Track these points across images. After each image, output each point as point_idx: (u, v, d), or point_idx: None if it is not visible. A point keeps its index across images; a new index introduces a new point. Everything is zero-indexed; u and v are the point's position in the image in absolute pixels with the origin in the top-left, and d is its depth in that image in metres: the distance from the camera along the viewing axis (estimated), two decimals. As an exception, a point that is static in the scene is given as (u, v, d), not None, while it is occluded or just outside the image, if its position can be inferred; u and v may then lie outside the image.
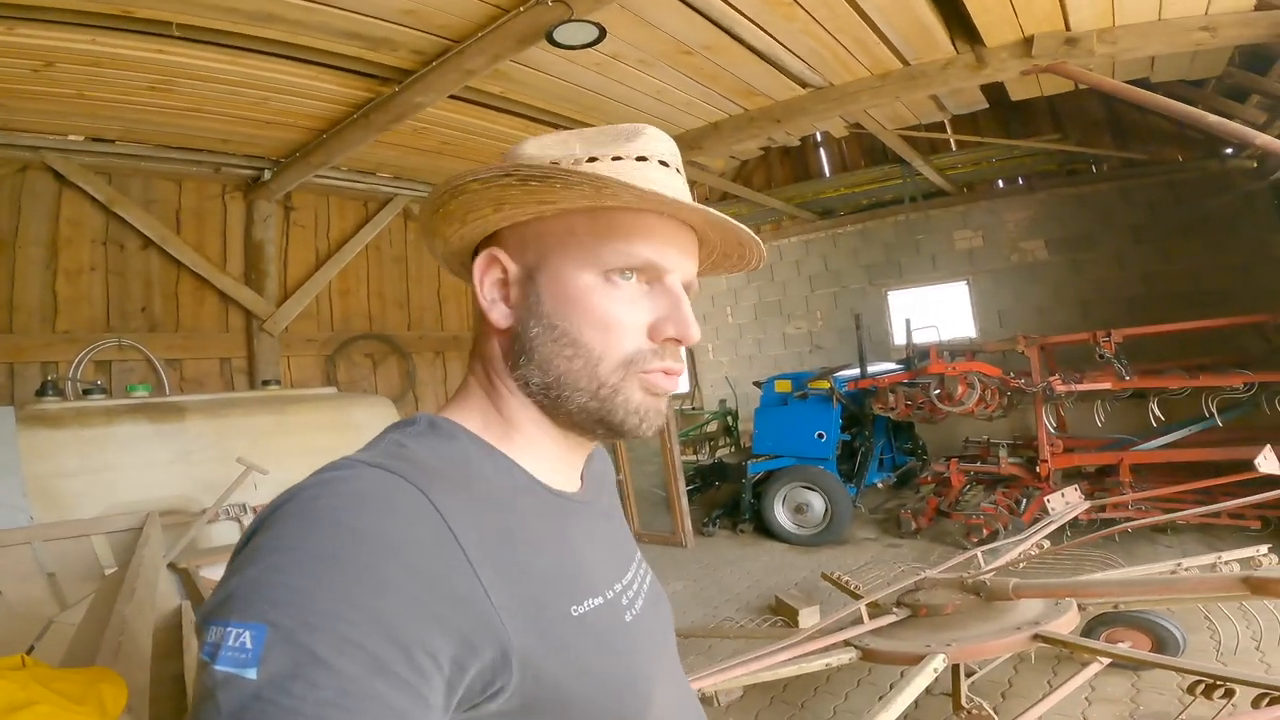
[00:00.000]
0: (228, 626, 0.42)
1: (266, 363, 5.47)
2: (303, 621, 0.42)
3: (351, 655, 0.41)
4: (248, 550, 0.47)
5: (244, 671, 0.41)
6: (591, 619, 0.56)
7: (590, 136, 0.63)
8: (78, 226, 4.75)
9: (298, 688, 0.40)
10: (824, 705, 2.83)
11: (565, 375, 0.61)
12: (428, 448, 0.57)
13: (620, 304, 0.61)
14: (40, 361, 4.52)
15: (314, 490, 0.48)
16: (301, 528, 0.45)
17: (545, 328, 0.61)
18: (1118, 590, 2.44)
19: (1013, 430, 6.06)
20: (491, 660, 0.48)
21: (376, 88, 3.91)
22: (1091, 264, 6.99)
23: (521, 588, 0.51)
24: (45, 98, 3.72)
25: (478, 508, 0.53)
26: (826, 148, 8.34)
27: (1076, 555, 3.67)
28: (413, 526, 0.47)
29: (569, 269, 0.61)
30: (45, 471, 3.36)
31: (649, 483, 6.04)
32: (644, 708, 0.59)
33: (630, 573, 0.68)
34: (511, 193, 0.59)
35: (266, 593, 0.43)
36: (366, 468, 0.51)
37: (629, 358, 0.61)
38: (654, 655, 0.64)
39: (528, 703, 0.50)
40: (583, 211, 0.60)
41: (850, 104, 4.52)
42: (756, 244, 0.69)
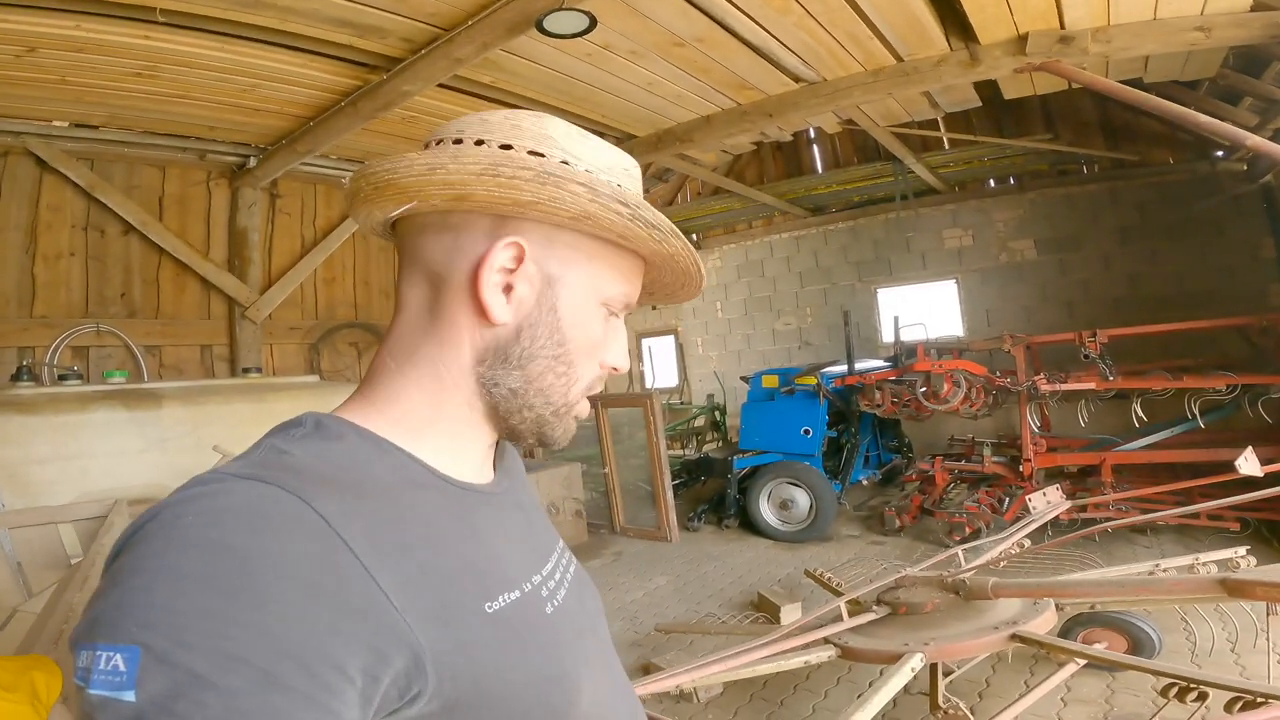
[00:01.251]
0: (96, 650, 0.40)
1: (248, 350, 5.43)
2: (176, 641, 0.40)
3: (236, 671, 0.39)
4: (111, 573, 0.44)
5: (120, 695, 0.39)
6: (508, 614, 0.54)
7: (608, 158, 0.62)
8: (58, 212, 4.69)
9: (181, 707, 0.38)
10: (803, 703, 2.83)
11: (546, 389, 0.61)
12: (311, 451, 0.54)
13: (600, 334, 0.64)
14: (16, 346, 4.47)
15: (177, 509, 0.45)
16: (164, 548, 0.43)
17: (554, 342, 0.60)
18: (1095, 591, 2.44)
19: (997, 429, 6.09)
20: (404, 666, 0.46)
21: (365, 75, 3.87)
22: (1078, 264, 7.02)
23: (427, 589, 0.49)
24: (28, 83, 3.67)
25: (370, 510, 0.50)
26: (819, 143, 8.32)
27: (1056, 555, 3.69)
28: (293, 537, 0.45)
29: (585, 291, 0.61)
30: (16, 458, 3.32)
31: (634, 477, 6.04)
32: (573, 699, 0.58)
33: (550, 563, 0.66)
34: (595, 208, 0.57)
35: (133, 614, 0.41)
36: (235, 480, 0.47)
37: (590, 385, 0.64)
38: (580, 646, 0.63)
39: (448, 704, 0.48)
40: (597, 239, 0.61)
41: (843, 99, 4.50)
42: (700, 280, 0.70)
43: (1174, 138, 6.53)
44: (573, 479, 5.73)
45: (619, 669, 0.73)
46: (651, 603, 4.20)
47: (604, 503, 6.05)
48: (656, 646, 3.49)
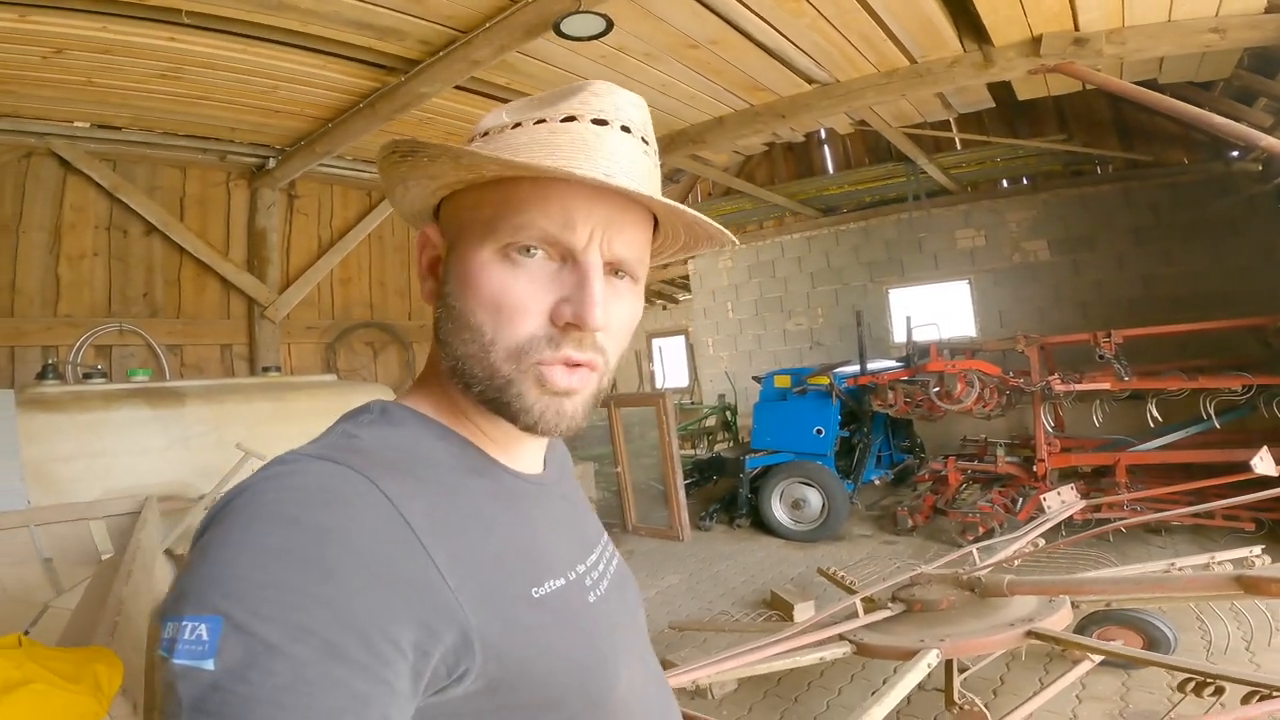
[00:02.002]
0: (182, 621, 0.43)
1: (267, 349, 5.49)
2: (254, 611, 0.42)
3: (305, 641, 0.42)
4: (198, 548, 0.47)
5: (201, 663, 0.41)
6: (553, 600, 0.56)
7: (530, 100, 0.60)
8: (81, 212, 4.76)
9: (254, 675, 0.41)
10: (817, 699, 2.84)
11: (463, 360, 0.58)
12: (377, 436, 0.57)
13: (517, 283, 0.56)
14: (41, 345, 4.54)
15: (260, 486, 0.48)
16: (250, 522, 0.46)
17: (447, 308, 0.59)
18: (1111, 588, 2.46)
19: (1010, 429, 6.08)
20: (454, 644, 0.48)
21: (383, 77, 3.91)
22: (1092, 265, 6.99)
23: (479, 570, 0.51)
24: (54, 84, 3.73)
25: (429, 492, 0.53)
26: (830, 144, 8.31)
27: (1071, 554, 3.69)
28: (361, 515, 0.48)
29: (470, 245, 0.57)
30: (42, 455, 3.34)
31: (646, 476, 6.07)
32: (610, 686, 0.59)
33: (594, 555, 0.68)
34: (403, 169, 0.58)
35: (218, 586, 0.43)
36: (312, 460, 0.51)
37: (521, 345, 0.56)
38: (619, 636, 0.64)
39: (492, 684, 0.50)
40: (489, 184, 0.57)
41: (856, 101, 4.51)
42: (708, 223, 0.61)
43: (1189, 138, 6.49)
44: (585, 478, 5.76)
45: (654, 661, 0.75)
46: (664, 601, 4.23)
47: (616, 502, 6.08)
48: (670, 644, 3.51)
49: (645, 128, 0.61)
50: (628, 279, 0.60)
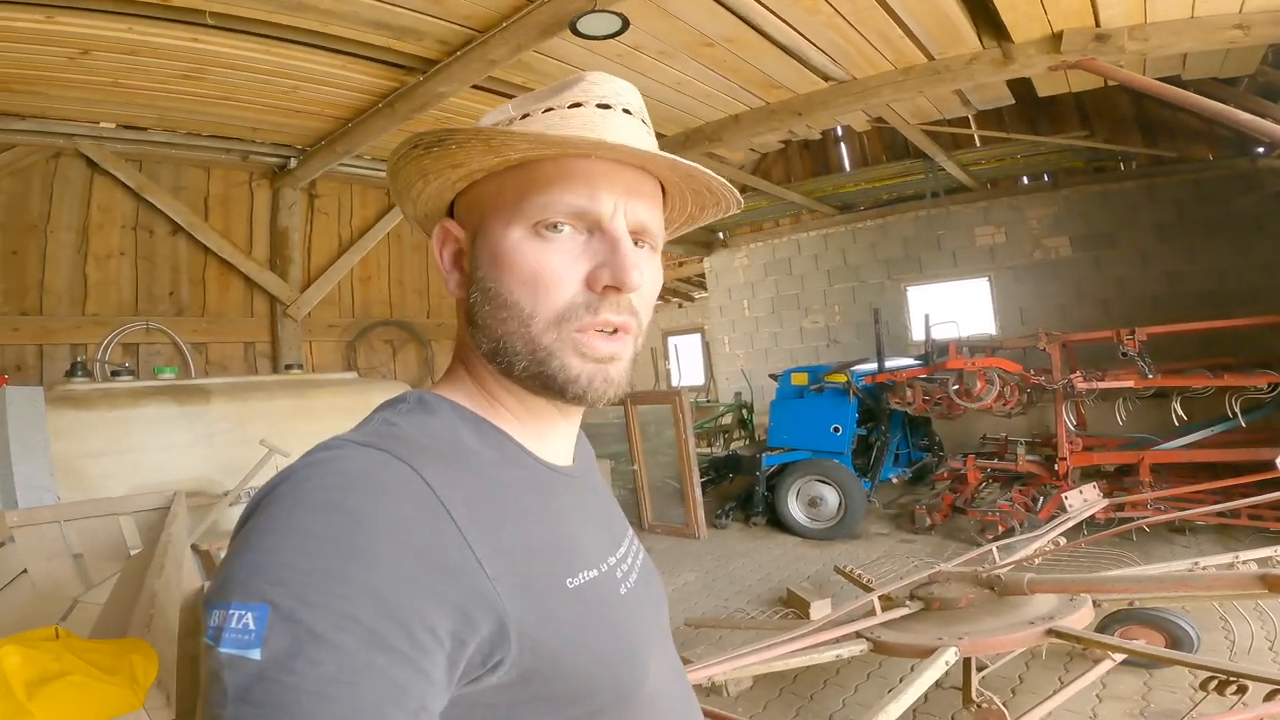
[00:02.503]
0: (229, 609, 0.43)
1: (289, 347, 5.57)
2: (300, 599, 0.42)
3: (349, 630, 0.42)
4: (243, 534, 0.47)
5: (247, 652, 0.41)
6: (587, 591, 0.56)
7: (531, 95, 0.62)
8: (108, 212, 4.85)
9: (299, 665, 0.41)
10: (833, 698, 2.84)
11: (504, 339, 0.59)
12: (416, 424, 0.58)
13: (551, 257, 0.58)
14: (69, 343, 4.63)
15: (305, 472, 0.49)
16: (294, 509, 0.46)
17: (482, 291, 0.60)
18: (1134, 587, 2.43)
19: (1031, 428, 6.01)
20: (490, 633, 0.48)
21: (401, 77, 3.96)
22: (1114, 262, 6.89)
23: (516, 560, 0.52)
24: (81, 85, 3.80)
25: (468, 481, 0.53)
26: (847, 142, 8.25)
27: (1092, 553, 3.64)
28: (403, 502, 0.48)
29: (498, 228, 0.59)
30: (72, 452, 3.39)
31: (663, 474, 6.07)
32: (639, 680, 0.59)
33: (623, 548, 0.68)
34: (425, 162, 0.60)
35: (264, 573, 0.43)
36: (355, 446, 0.51)
37: (560, 314, 0.58)
38: (647, 629, 0.64)
39: (526, 674, 0.50)
40: (511, 169, 0.59)
41: (872, 98, 4.49)
42: (719, 182, 0.63)
43: (1213, 134, 6.37)
44: (602, 476, 5.78)
45: (676, 656, 0.76)
46: (680, 598, 4.24)
47: (632, 500, 6.09)
48: (686, 641, 3.51)
49: (643, 111, 0.63)
50: (647, 247, 0.62)
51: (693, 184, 0.64)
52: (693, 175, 0.61)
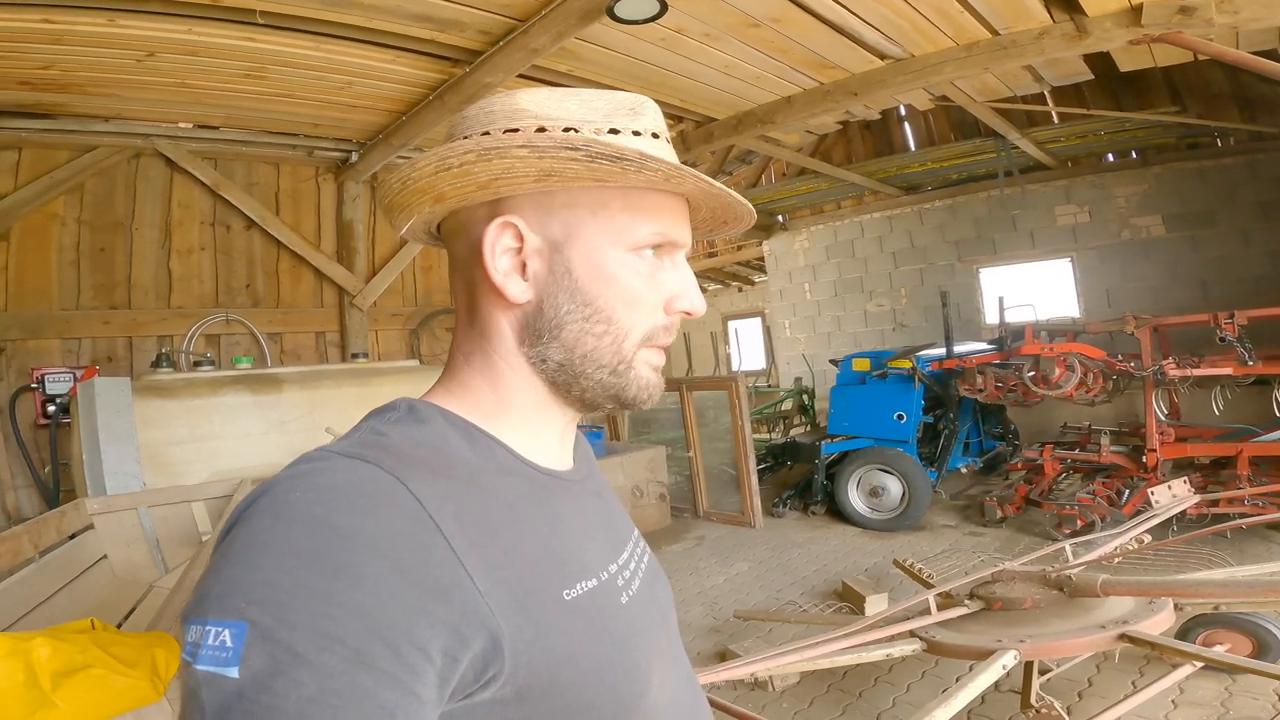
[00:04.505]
0: (206, 625, 0.42)
1: (356, 336, 5.77)
2: (281, 619, 0.41)
3: (332, 651, 0.41)
4: (223, 548, 0.46)
5: (225, 670, 0.40)
6: (585, 602, 0.55)
7: (599, 106, 0.60)
8: (188, 209, 5.13)
9: (279, 685, 0.40)
10: (883, 696, 2.73)
11: (592, 353, 0.60)
12: (404, 434, 0.56)
13: (645, 280, 0.61)
14: (156, 335, 4.94)
15: (287, 484, 0.47)
16: (275, 524, 0.45)
17: (579, 304, 0.59)
18: (1220, 591, 2.23)
19: (1119, 417, 5.64)
20: (482, 649, 0.47)
21: (449, 69, 3.99)
22: (1213, 241, 6.42)
23: (509, 573, 0.50)
24: (152, 87, 3.99)
25: (459, 493, 0.52)
26: (911, 121, 7.95)
27: (1180, 552, 3.37)
28: (390, 517, 0.46)
29: (603, 244, 0.59)
30: (158, 439, 3.60)
31: (719, 460, 6.00)
32: (642, 691, 0.58)
33: (626, 553, 0.66)
34: (546, 162, 0.55)
35: (243, 590, 0.42)
36: (340, 458, 0.50)
37: (648, 334, 0.61)
38: (652, 637, 0.62)
39: (520, 690, 0.49)
40: (603, 186, 0.58)
41: (933, 76, 4.23)
42: (746, 208, 0.66)
43: (1318, 109, 5.77)
44: (657, 462, 5.76)
45: (685, 661, 0.73)
46: (732, 589, 4.18)
47: (688, 487, 6.05)
48: (734, 633, 3.47)
49: None
50: None
51: (719, 205, 0.66)
52: (730, 206, 0.65)
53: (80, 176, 4.62)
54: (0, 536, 2.27)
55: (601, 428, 6.40)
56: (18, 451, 4.34)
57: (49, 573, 2.52)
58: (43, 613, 2.26)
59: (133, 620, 2.41)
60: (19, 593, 2.25)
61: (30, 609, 2.25)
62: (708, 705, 0.74)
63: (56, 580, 2.57)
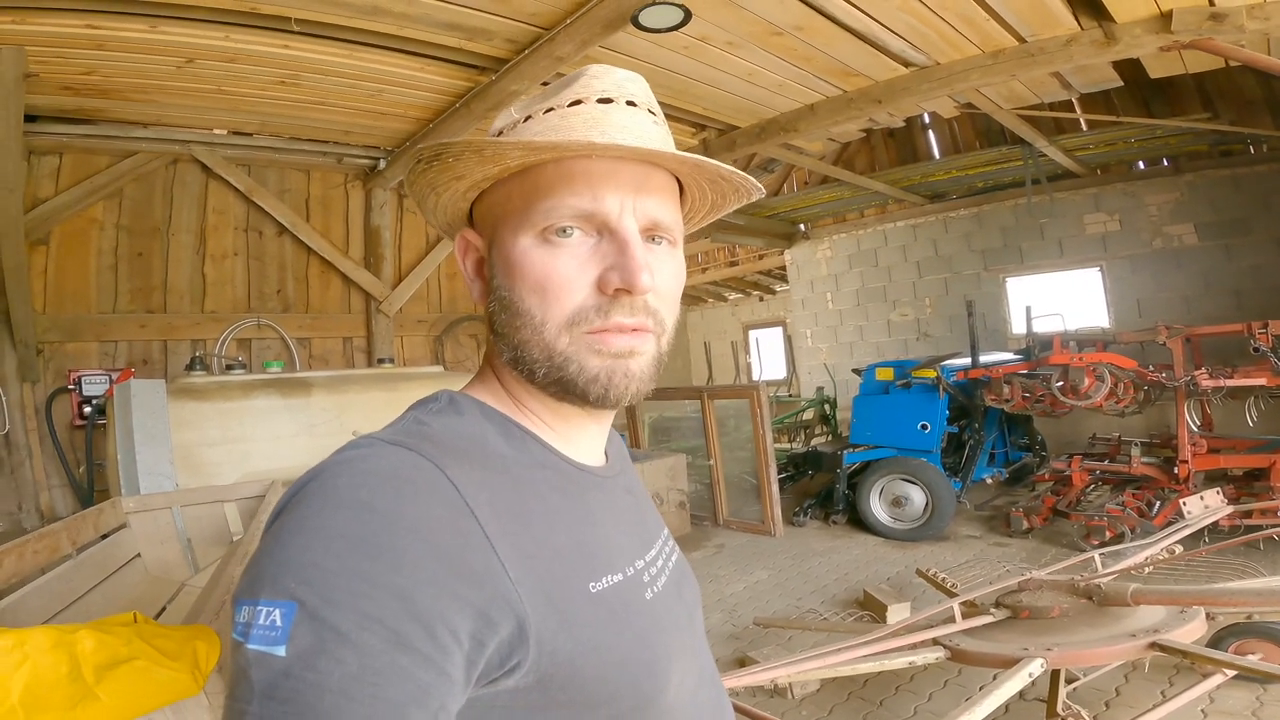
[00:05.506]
0: (258, 605, 0.44)
1: (382, 342, 5.85)
2: (326, 598, 0.42)
3: (373, 630, 0.42)
4: (273, 531, 0.48)
5: (274, 649, 0.42)
6: (610, 596, 0.56)
7: (537, 94, 0.62)
8: (222, 215, 5.25)
9: (323, 663, 0.41)
10: (905, 704, 2.69)
11: (521, 347, 0.59)
12: (445, 425, 0.58)
13: (559, 262, 0.57)
14: (190, 339, 5.05)
15: (335, 470, 0.49)
16: (323, 507, 0.47)
17: (498, 300, 0.60)
18: (1254, 600, 2.18)
19: (1150, 428, 5.51)
20: (509, 636, 0.48)
21: (475, 77, 4.06)
22: (1247, 250, 6.27)
23: (539, 563, 0.51)
24: (189, 93, 4.10)
25: (494, 483, 0.53)
26: (936, 129, 7.86)
27: (1213, 562, 3.28)
28: (430, 503, 0.48)
29: (508, 236, 0.59)
30: (191, 441, 3.66)
31: (739, 469, 5.98)
32: (661, 687, 0.58)
33: (654, 550, 0.67)
34: (430, 176, 0.60)
35: (293, 571, 0.44)
36: (385, 445, 0.52)
37: (570, 318, 0.57)
38: (675, 634, 0.63)
39: (543, 679, 0.50)
40: (514, 176, 0.59)
41: (959, 83, 4.21)
42: (729, 170, 0.60)
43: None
44: (677, 470, 5.75)
45: (710, 661, 0.73)
46: (752, 596, 4.15)
47: (708, 495, 6.03)
48: (754, 640, 3.44)
49: (650, 100, 0.62)
50: (665, 243, 0.61)
51: (705, 174, 0.62)
52: (701, 167, 0.59)
53: (119, 182, 4.74)
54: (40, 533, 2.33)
55: (623, 435, 6.41)
56: (54, 452, 4.45)
57: (85, 569, 2.57)
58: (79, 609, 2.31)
59: (165, 618, 2.45)
60: (56, 588, 2.31)
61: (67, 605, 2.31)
62: (730, 707, 0.74)
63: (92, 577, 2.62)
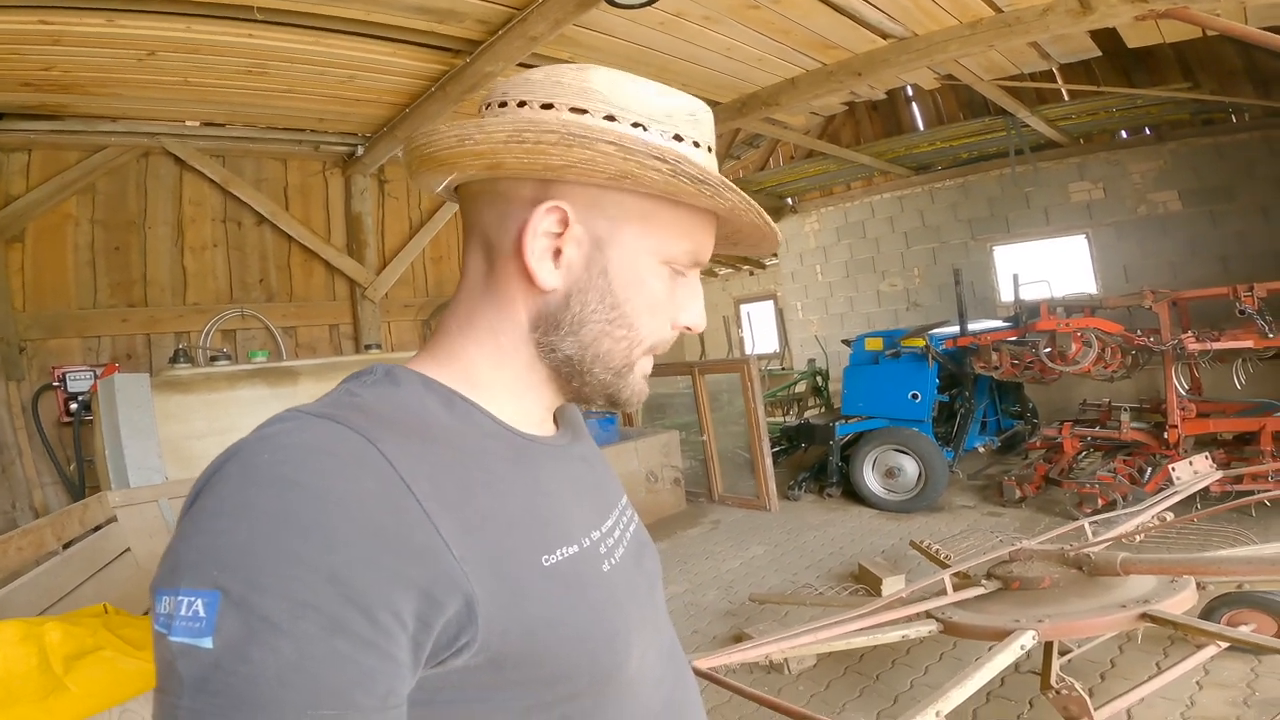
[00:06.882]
0: (178, 595, 0.41)
1: (369, 328, 5.81)
2: (253, 585, 0.40)
3: (307, 617, 0.40)
4: (192, 513, 0.45)
5: (199, 641, 0.40)
6: (564, 569, 0.54)
7: (661, 104, 0.59)
8: (199, 206, 5.16)
9: (256, 654, 0.39)
10: (901, 678, 2.72)
11: (605, 354, 0.60)
12: (380, 395, 0.54)
13: (666, 292, 0.62)
14: (174, 332, 4.98)
15: (255, 446, 0.46)
16: (243, 486, 0.44)
17: (607, 305, 0.59)
18: (1244, 568, 2.20)
19: (1140, 393, 5.57)
20: (456, 614, 0.46)
21: (449, 60, 3.97)
22: (1232, 216, 6.31)
23: (485, 537, 0.49)
24: (155, 86, 3.99)
25: (435, 455, 0.51)
26: (919, 101, 7.85)
27: (1204, 529, 3.32)
28: (360, 478, 0.45)
29: (642, 251, 0.59)
30: (178, 434, 3.63)
31: (733, 444, 5.98)
32: (621, 662, 0.57)
33: (611, 520, 0.65)
34: (630, 165, 0.54)
35: (213, 556, 0.41)
36: (310, 418, 0.48)
37: (655, 344, 0.63)
38: (634, 608, 0.61)
39: (494, 658, 0.48)
40: (662, 196, 0.58)
41: (937, 54, 4.17)
42: (774, 235, 0.66)
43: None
44: (671, 447, 5.75)
45: (671, 634, 0.72)
46: (748, 572, 4.18)
47: (702, 471, 6.05)
48: (750, 616, 3.47)
49: None
50: None
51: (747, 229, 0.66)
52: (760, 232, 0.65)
53: (91, 177, 4.64)
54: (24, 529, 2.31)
55: (615, 413, 6.40)
56: (43, 449, 4.40)
57: (74, 564, 2.56)
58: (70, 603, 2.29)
59: (156, 612, 2.46)
60: (45, 583, 2.29)
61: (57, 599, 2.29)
62: (693, 679, 0.72)
63: (81, 572, 2.60)
